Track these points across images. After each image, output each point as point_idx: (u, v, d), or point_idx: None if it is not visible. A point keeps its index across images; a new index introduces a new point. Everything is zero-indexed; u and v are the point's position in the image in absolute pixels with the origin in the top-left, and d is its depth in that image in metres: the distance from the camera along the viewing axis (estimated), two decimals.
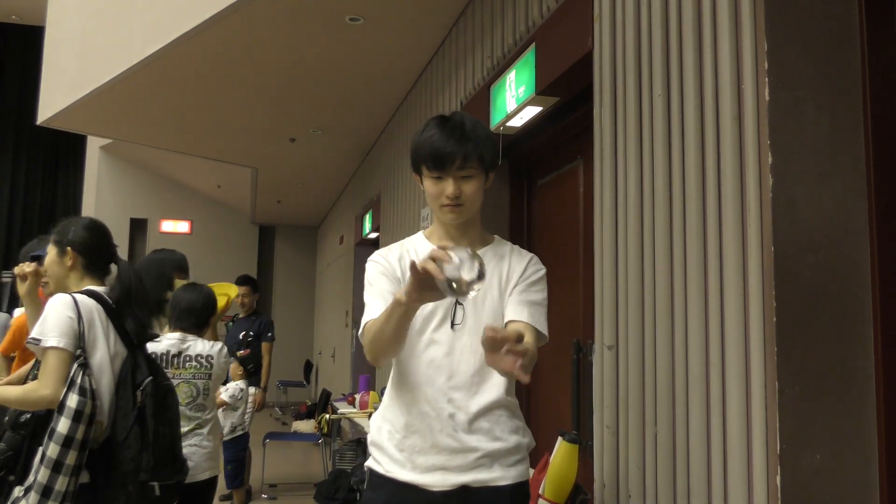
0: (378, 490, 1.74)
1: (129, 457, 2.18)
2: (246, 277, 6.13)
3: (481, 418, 1.69)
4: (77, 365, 2.16)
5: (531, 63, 3.09)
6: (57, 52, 6.87)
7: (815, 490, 1.63)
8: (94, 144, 11.90)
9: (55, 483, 2.08)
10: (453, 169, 1.69)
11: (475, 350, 1.69)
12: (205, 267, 11.03)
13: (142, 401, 2.25)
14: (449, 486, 1.66)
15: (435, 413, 1.68)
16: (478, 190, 1.74)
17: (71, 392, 2.12)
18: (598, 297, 2.46)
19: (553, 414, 3.33)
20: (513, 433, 1.74)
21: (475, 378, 1.70)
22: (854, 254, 1.72)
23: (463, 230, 1.80)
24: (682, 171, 2.01)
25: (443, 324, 1.72)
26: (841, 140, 1.75)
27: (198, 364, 3.16)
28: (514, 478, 1.71)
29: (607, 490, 2.34)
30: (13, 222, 15.91)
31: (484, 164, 1.73)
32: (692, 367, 1.92)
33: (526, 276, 1.77)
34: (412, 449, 1.69)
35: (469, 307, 1.73)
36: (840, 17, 1.78)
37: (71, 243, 2.38)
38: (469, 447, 1.67)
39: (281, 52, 5.02)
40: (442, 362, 1.70)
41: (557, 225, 3.50)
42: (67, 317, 2.20)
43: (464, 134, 1.70)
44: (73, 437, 2.10)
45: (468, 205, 1.74)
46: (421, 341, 1.72)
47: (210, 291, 3.37)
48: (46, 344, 2.16)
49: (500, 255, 1.80)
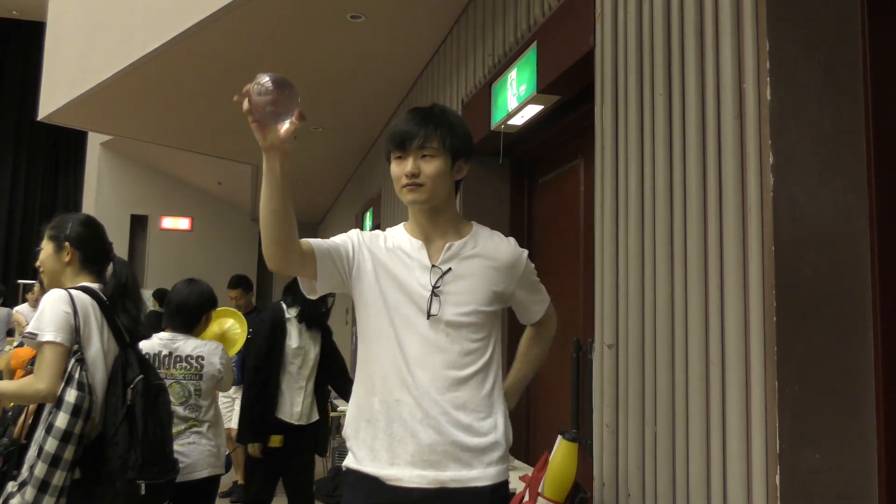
0: (355, 490, 1.70)
1: (116, 454, 2.17)
2: (237, 280, 5.98)
3: (459, 412, 1.66)
4: (74, 360, 2.16)
5: (532, 61, 3.09)
6: (58, 48, 6.87)
7: (814, 489, 1.63)
8: (94, 141, 11.91)
9: (52, 478, 2.08)
10: (413, 148, 1.70)
11: (452, 340, 1.67)
12: (205, 264, 11.05)
13: (132, 399, 2.24)
14: (426, 483, 1.62)
15: (410, 406, 1.64)
16: (440, 173, 1.71)
17: (69, 387, 2.12)
18: (598, 295, 2.46)
19: (553, 412, 3.34)
20: (491, 430, 1.70)
21: (452, 371, 1.67)
22: (855, 253, 1.72)
23: (433, 220, 1.76)
24: (683, 171, 2.01)
25: (418, 314, 1.68)
26: (842, 139, 1.75)
27: (188, 365, 3.07)
28: (492, 478, 1.68)
29: (607, 489, 2.35)
30: (13, 218, 15.93)
31: (448, 148, 1.72)
32: (692, 366, 1.92)
33: (525, 273, 1.82)
34: (392, 437, 1.65)
35: (444, 297, 1.69)
36: (842, 17, 1.78)
37: (69, 238, 2.37)
38: (447, 442, 1.64)
39: (282, 50, 5.02)
40: (418, 352, 1.67)
41: (558, 223, 3.50)
42: (64, 311, 2.20)
43: (428, 116, 1.73)
44: (72, 432, 2.10)
45: (429, 185, 1.70)
46: (393, 332, 1.68)
47: (205, 288, 3.26)
48: (43, 338, 2.16)
49: (482, 243, 1.78)
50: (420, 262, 1.73)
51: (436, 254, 1.74)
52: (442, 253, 1.74)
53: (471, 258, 1.75)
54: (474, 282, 1.73)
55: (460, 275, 1.72)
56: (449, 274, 1.71)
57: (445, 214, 1.78)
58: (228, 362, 3.25)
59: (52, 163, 16.25)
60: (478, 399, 1.69)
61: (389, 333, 1.69)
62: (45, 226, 2.45)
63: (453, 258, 1.74)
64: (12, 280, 13.47)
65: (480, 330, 1.73)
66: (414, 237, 1.77)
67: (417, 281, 1.71)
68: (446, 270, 1.71)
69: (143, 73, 5.48)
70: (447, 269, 1.71)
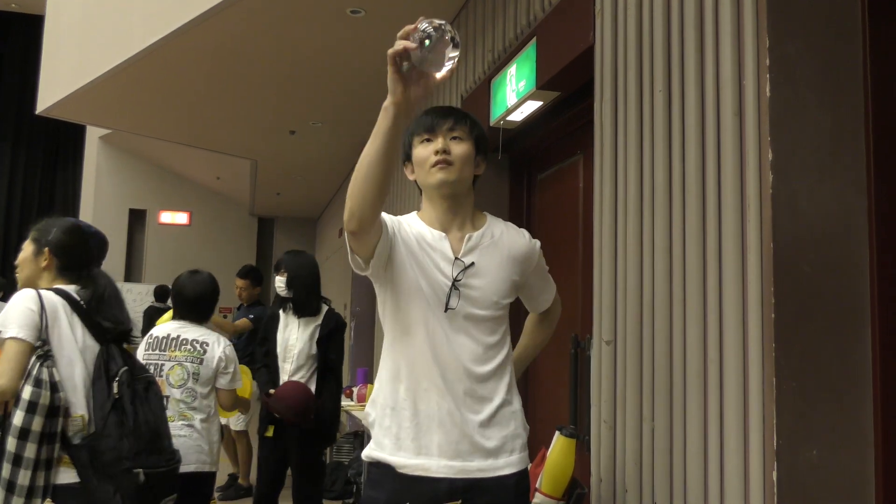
0: (378, 488, 1.69)
1: (109, 445, 2.16)
2: (246, 271, 6.04)
3: (484, 404, 1.68)
4: (35, 357, 2.14)
5: (532, 58, 3.09)
6: (57, 41, 6.85)
7: (812, 485, 1.63)
8: (93, 135, 11.89)
9: (17, 478, 2.06)
10: (444, 130, 1.74)
11: (474, 334, 1.69)
12: (203, 258, 11.04)
13: (118, 391, 2.23)
14: (454, 474, 1.64)
15: (437, 396, 1.65)
16: (468, 156, 1.75)
17: (26, 384, 2.10)
18: (596, 292, 2.47)
19: (551, 408, 3.34)
20: (512, 420, 1.73)
21: (475, 365, 1.68)
22: (854, 251, 1.72)
23: (453, 208, 1.77)
24: (683, 167, 2.01)
25: (440, 307, 1.69)
26: (842, 137, 1.75)
27: (191, 347, 3.16)
28: (517, 466, 1.71)
29: (604, 484, 2.35)
30: (12, 211, 15.91)
31: (474, 137, 1.77)
32: (690, 363, 1.92)
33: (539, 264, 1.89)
34: (419, 426, 1.66)
35: (465, 291, 1.70)
36: (842, 13, 1.78)
37: (48, 244, 2.35)
38: (473, 433, 1.65)
39: (281, 44, 5.01)
40: (442, 344, 1.67)
41: (557, 220, 3.50)
42: (29, 309, 2.18)
43: (453, 109, 1.81)
44: (29, 429, 2.07)
45: (458, 165, 1.72)
46: (421, 321, 1.69)
47: (211, 277, 3.40)
48: (6, 335, 2.14)
49: (498, 234, 1.81)
50: (443, 253, 1.73)
51: (456, 245, 1.75)
52: (462, 244, 1.74)
53: (489, 250, 1.76)
54: (494, 275, 1.75)
55: (481, 267, 1.73)
56: (472, 267, 1.72)
57: (465, 205, 1.79)
58: (233, 355, 3.28)
59: (50, 157, 16.21)
60: (500, 390, 1.72)
61: (417, 323, 1.69)
62: (33, 226, 2.43)
63: (473, 250, 1.75)
64: (10, 274, 13.45)
65: (500, 322, 1.76)
66: (433, 228, 1.77)
67: (442, 272, 1.71)
68: (469, 264, 1.72)
69: (142, 67, 5.47)
70: (470, 263, 1.72)
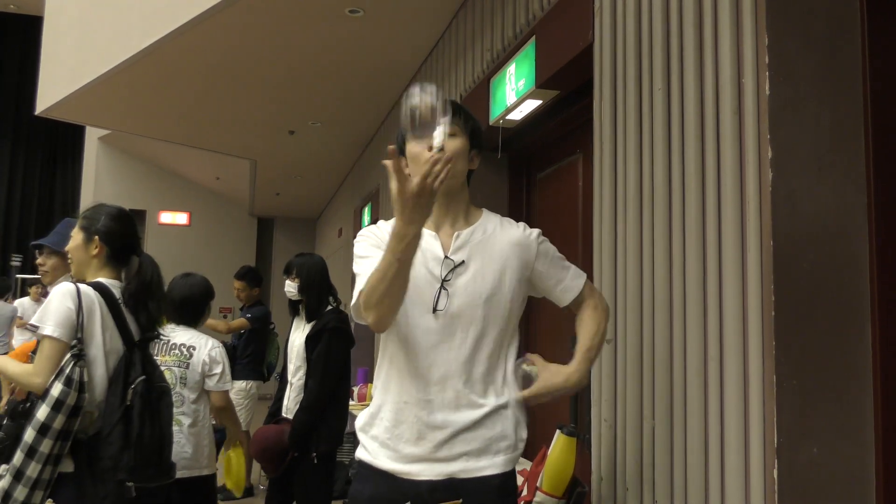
0: (364, 482, 1.71)
1: (109, 454, 2.17)
2: (244, 272, 6.00)
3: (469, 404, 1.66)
4: (70, 355, 2.17)
5: (531, 56, 3.09)
6: (56, 42, 6.84)
7: (812, 483, 1.63)
8: (92, 135, 11.88)
9: (27, 468, 2.09)
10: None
11: (462, 334, 1.66)
12: (203, 258, 11.04)
13: (131, 399, 2.23)
14: (435, 475, 1.63)
15: (422, 402, 1.64)
16: (463, 151, 1.72)
17: (57, 381, 2.13)
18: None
19: (551, 407, 3.34)
20: (498, 422, 1.68)
21: (464, 365, 1.66)
22: (853, 248, 1.72)
23: (446, 204, 1.74)
24: (682, 165, 2.01)
25: (429, 309, 1.67)
26: (841, 134, 1.75)
27: (179, 352, 3.17)
28: (501, 467, 1.67)
29: (604, 483, 2.35)
30: (11, 212, 15.91)
31: (468, 131, 1.74)
32: (690, 361, 1.92)
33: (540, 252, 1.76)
34: (399, 437, 1.66)
35: (454, 289, 1.68)
36: (841, 12, 1.78)
37: (98, 232, 2.37)
38: (456, 435, 1.64)
39: (280, 44, 5.01)
40: (429, 347, 1.66)
41: (556, 218, 3.50)
42: (67, 307, 2.21)
43: (448, 100, 1.73)
44: (50, 426, 2.10)
45: (454, 161, 1.66)
46: (406, 327, 1.67)
47: (204, 280, 3.36)
48: (43, 332, 2.18)
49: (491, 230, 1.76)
50: (433, 252, 1.71)
51: (447, 242, 1.73)
52: (451, 242, 1.72)
53: (481, 246, 1.72)
54: (486, 271, 1.71)
55: (472, 264, 1.70)
56: (461, 266, 1.69)
57: (458, 201, 1.77)
58: (220, 356, 3.26)
59: (49, 157, 16.21)
60: (490, 392, 1.69)
61: (406, 325, 1.67)
62: (80, 214, 2.45)
63: (463, 247, 1.72)
64: (10, 274, 13.45)
65: (495, 320, 1.71)
66: (425, 225, 1.75)
67: (431, 273, 1.69)
68: (459, 263, 1.69)
69: (141, 68, 5.47)
70: (460, 262, 1.70)
